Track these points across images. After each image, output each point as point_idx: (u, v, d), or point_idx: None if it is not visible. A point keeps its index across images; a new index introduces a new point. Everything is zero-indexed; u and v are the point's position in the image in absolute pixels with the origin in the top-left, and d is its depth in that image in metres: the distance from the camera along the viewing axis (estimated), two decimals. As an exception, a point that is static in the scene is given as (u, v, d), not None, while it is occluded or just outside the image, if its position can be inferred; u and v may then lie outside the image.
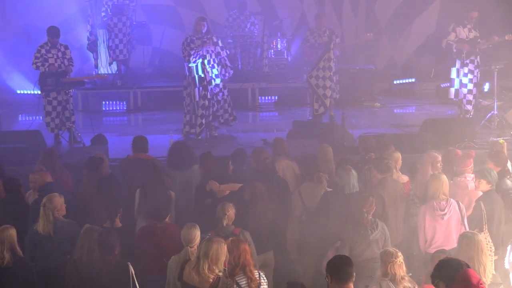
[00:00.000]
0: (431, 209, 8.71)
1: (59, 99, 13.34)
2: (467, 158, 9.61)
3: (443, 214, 8.65)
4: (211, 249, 6.96)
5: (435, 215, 8.68)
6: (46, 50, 13.27)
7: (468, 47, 13.72)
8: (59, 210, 8.46)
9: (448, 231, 8.66)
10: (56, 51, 13.28)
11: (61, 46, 13.41)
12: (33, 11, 17.77)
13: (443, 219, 8.65)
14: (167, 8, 18.60)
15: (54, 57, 13.24)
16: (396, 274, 7.10)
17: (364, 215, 8.24)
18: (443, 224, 8.67)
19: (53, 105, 13.36)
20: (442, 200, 8.69)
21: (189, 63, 13.21)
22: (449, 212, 8.66)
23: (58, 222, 8.41)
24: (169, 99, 16.44)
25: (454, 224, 8.68)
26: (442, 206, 8.68)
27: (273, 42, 17.60)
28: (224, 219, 8.09)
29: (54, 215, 8.39)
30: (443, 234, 8.65)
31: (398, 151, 9.96)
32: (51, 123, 13.44)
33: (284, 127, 14.35)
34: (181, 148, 10.73)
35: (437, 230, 8.69)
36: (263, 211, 8.69)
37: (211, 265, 6.96)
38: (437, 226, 8.68)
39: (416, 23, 19.15)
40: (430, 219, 8.71)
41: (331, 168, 10.20)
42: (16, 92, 17.24)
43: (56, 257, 8.34)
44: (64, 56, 13.34)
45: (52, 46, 13.29)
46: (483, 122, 13.97)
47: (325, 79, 13.76)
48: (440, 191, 8.69)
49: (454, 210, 8.70)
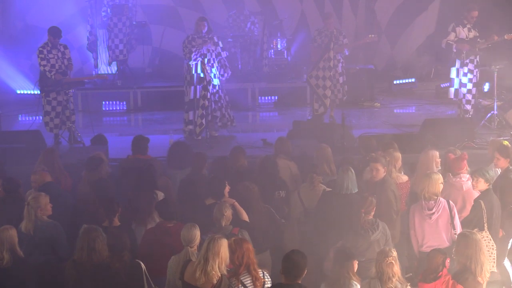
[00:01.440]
0: (420, 209, 8.69)
1: (58, 100, 13.33)
2: (461, 160, 9.58)
3: (431, 214, 8.60)
4: (221, 247, 6.95)
5: (423, 215, 8.65)
6: (48, 50, 13.25)
7: (468, 47, 13.72)
8: (42, 209, 8.39)
9: (437, 230, 8.61)
10: (56, 51, 13.28)
11: (60, 46, 13.40)
12: (33, 11, 17.77)
13: (430, 218, 8.59)
14: (167, 8, 18.59)
15: (55, 57, 13.24)
16: (383, 273, 7.11)
17: (362, 215, 8.22)
18: (432, 224, 8.62)
19: (52, 105, 13.35)
20: (431, 200, 8.65)
21: (189, 61, 13.24)
22: (437, 212, 8.60)
23: (38, 222, 8.34)
24: (169, 99, 16.43)
25: (443, 223, 8.63)
26: (430, 206, 8.64)
27: (273, 42, 17.60)
28: (223, 219, 8.09)
29: (36, 215, 8.33)
30: (432, 234, 8.61)
31: (398, 151, 9.95)
32: (50, 123, 13.44)
33: (284, 127, 14.35)
34: (181, 148, 10.74)
35: (426, 230, 8.64)
36: (257, 211, 8.69)
37: (220, 264, 6.94)
38: (426, 225, 8.64)
39: (416, 23, 19.16)
40: (419, 219, 8.68)
41: (332, 168, 10.19)
42: (16, 92, 17.23)
43: (36, 257, 8.22)
44: (63, 56, 13.34)
45: (53, 46, 13.29)
46: (483, 122, 13.97)
47: (325, 79, 13.77)
48: (430, 190, 8.63)
49: (443, 209, 8.63)
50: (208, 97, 13.24)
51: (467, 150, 10.87)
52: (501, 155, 9.58)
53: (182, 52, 13.67)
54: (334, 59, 14.22)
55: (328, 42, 14.18)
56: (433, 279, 7.36)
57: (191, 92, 13.39)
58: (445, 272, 7.37)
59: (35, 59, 13.48)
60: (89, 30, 16.77)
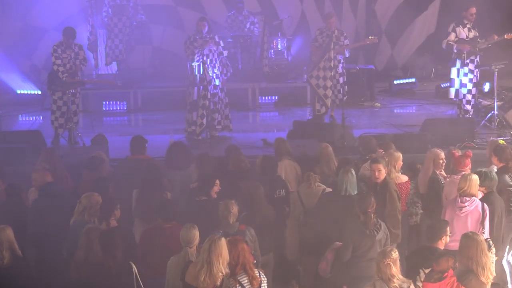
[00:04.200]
0: (453, 203, 8.69)
1: (64, 99, 13.42)
2: (465, 158, 9.60)
3: (462, 207, 8.59)
4: (222, 247, 6.92)
5: (454, 207, 8.64)
6: (62, 50, 13.36)
7: (469, 47, 13.71)
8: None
9: (465, 226, 8.53)
10: (70, 51, 13.39)
11: (75, 46, 13.54)
12: (33, 11, 17.76)
13: (461, 211, 8.58)
14: (167, 8, 18.58)
15: (68, 57, 13.35)
16: (383, 273, 7.10)
17: (371, 216, 8.21)
18: (462, 218, 8.59)
19: (57, 104, 13.46)
20: (466, 197, 8.64)
21: (192, 62, 13.24)
22: (470, 207, 8.59)
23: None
24: (169, 99, 16.41)
25: (473, 222, 8.59)
26: (463, 201, 8.63)
27: (273, 42, 17.59)
28: (230, 216, 8.11)
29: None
30: (460, 230, 8.45)
31: (398, 151, 9.94)
32: (55, 122, 13.56)
33: (284, 127, 14.34)
34: (180, 148, 10.74)
35: (454, 224, 8.57)
36: (262, 212, 8.70)
37: (224, 263, 6.91)
38: (455, 219, 8.60)
39: (416, 23, 19.15)
40: (450, 212, 8.66)
41: (332, 167, 10.20)
42: (16, 92, 17.23)
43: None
44: (77, 57, 13.43)
45: (67, 46, 13.36)
46: (483, 122, 13.97)
47: (326, 79, 13.77)
48: (467, 191, 8.63)
49: (475, 208, 8.62)
50: (209, 97, 13.24)
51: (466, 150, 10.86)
52: (495, 156, 9.61)
53: (182, 52, 13.66)
54: (334, 59, 14.22)
55: (328, 42, 14.17)
56: (438, 279, 7.34)
57: (194, 93, 13.37)
58: (451, 273, 7.36)
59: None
60: (89, 30, 16.76)
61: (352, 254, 8.20)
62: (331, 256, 8.38)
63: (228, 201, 8.24)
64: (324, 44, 14.54)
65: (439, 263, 7.40)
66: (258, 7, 18.57)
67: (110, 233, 7.61)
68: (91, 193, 8.66)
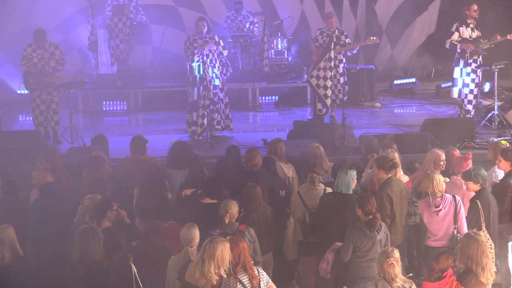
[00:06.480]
0: (427, 206, 8.73)
1: (42, 98, 13.58)
2: (465, 160, 9.59)
3: (438, 211, 8.66)
4: (217, 250, 6.89)
5: (430, 212, 8.70)
6: (32, 49, 13.46)
7: (473, 47, 13.70)
8: None
9: (445, 225, 8.68)
10: (42, 51, 13.40)
11: (50, 46, 13.53)
12: (34, 11, 17.77)
13: (438, 215, 8.66)
14: (167, 8, 18.59)
15: (39, 57, 13.42)
16: (386, 273, 7.10)
17: (377, 216, 8.18)
18: (440, 220, 8.68)
19: (36, 103, 13.65)
20: (437, 197, 8.68)
21: (192, 62, 13.24)
22: (444, 208, 8.66)
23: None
24: (169, 99, 16.43)
25: (451, 218, 8.68)
26: (437, 203, 8.68)
27: (273, 42, 17.60)
28: (226, 216, 8.11)
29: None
30: (441, 229, 8.69)
31: (396, 152, 9.91)
32: (35, 120, 13.78)
33: (284, 127, 14.35)
34: (180, 148, 10.73)
35: (434, 226, 8.73)
36: (259, 212, 8.69)
37: (216, 267, 6.91)
38: (434, 222, 8.72)
39: (416, 23, 19.15)
40: (427, 215, 8.75)
41: (325, 167, 10.18)
42: (16, 92, 17.23)
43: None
44: (52, 57, 13.44)
45: (38, 46, 13.40)
46: (484, 122, 13.96)
47: (326, 79, 13.76)
48: (434, 188, 8.66)
49: (449, 205, 8.68)
50: (209, 97, 13.22)
51: (468, 150, 10.87)
52: (502, 158, 9.58)
53: (182, 52, 13.65)
54: (335, 59, 14.22)
55: (329, 42, 14.17)
56: (438, 279, 7.36)
57: (194, 93, 13.34)
58: (450, 273, 7.37)
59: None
60: (89, 30, 16.76)
61: (352, 255, 8.20)
62: (331, 257, 8.37)
63: (228, 201, 8.24)
64: (324, 44, 14.54)
65: (439, 262, 7.40)
66: (258, 7, 18.58)
67: (113, 233, 7.60)
68: (94, 194, 8.65)
